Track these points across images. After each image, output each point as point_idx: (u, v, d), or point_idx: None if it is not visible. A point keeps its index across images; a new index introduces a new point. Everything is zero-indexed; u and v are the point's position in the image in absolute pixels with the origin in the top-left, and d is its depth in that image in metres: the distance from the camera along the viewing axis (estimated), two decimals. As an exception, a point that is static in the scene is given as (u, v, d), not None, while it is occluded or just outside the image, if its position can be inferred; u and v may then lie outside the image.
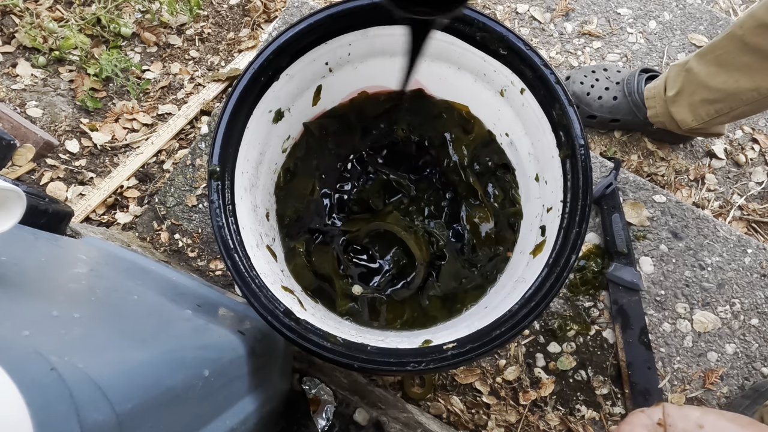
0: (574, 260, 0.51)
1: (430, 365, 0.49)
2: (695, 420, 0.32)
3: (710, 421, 0.31)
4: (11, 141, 0.64)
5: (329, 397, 0.71)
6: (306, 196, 0.71)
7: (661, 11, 1.19)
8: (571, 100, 0.55)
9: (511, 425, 0.84)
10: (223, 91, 1.10)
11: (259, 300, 0.51)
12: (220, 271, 0.92)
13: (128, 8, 1.17)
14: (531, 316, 0.50)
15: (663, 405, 0.34)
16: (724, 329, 0.87)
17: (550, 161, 0.59)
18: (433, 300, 0.67)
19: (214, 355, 0.48)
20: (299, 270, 0.67)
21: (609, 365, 0.85)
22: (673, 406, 0.34)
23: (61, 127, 1.05)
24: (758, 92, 0.83)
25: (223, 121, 0.56)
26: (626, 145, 1.09)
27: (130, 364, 0.35)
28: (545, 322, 0.87)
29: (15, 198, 0.37)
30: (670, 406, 0.34)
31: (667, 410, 0.33)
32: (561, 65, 1.15)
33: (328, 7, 0.57)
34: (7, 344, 0.29)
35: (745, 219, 1.05)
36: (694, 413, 0.32)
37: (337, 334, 0.52)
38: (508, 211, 0.69)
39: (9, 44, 1.11)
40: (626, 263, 0.87)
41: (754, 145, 1.10)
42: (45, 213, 0.60)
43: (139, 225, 0.94)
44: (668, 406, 0.34)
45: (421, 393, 0.84)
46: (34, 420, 0.25)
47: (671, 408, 0.33)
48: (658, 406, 0.34)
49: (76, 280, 0.48)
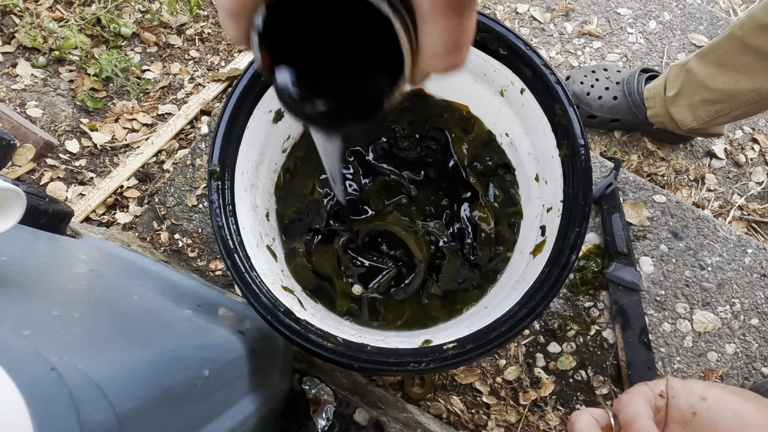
0: (574, 260, 0.51)
1: (430, 365, 0.49)
2: (699, 393, 0.32)
3: (714, 394, 0.31)
4: (11, 141, 0.64)
5: (329, 397, 0.71)
6: (306, 196, 0.71)
7: (661, 11, 1.19)
8: (571, 100, 0.55)
9: (511, 425, 0.84)
10: (223, 91, 1.10)
11: (259, 300, 0.51)
12: (220, 271, 0.92)
13: (128, 8, 1.17)
14: (531, 316, 0.50)
15: (667, 378, 0.34)
16: (724, 329, 0.87)
17: (550, 161, 0.59)
18: (433, 300, 0.67)
19: (214, 355, 0.48)
20: (299, 270, 0.67)
21: (609, 365, 0.85)
22: (677, 379, 0.34)
23: (61, 127, 1.05)
24: (758, 93, 0.83)
25: (223, 121, 0.56)
26: (626, 145, 1.09)
27: (130, 364, 0.35)
28: (545, 322, 0.87)
29: (15, 198, 0.37)
30: (674, 380, 0.34)
31: (670, 383, 0.33)
32: (561, 65, 1.15)
33: (328, 7, 0.57)
34: (7, 344, 0.29)
35: (745, 219, 1.05)
36: (698, 386, 0.33)
37: (337, 334, 0.52)
38: (509, 211, 0.69)
39: (9, 44, 1.11)
40: (626, 263, 0.87)
41: (754, 145, 1.10)
42: (45, 213, 0.60)
43: (139, 225, 0.94)
44: (672, 379, 0.34)
45: (421, 393, 0.84)
46: (34, 420, 0.25)
47: (675, 381, 0.34)
48: (662, 378, 0.35)
49: (76, 280, 0.48)
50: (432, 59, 0.22)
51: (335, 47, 0.26)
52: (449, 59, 0.22)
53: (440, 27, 0.21)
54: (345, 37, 0.25)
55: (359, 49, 0.25)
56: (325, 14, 0.24)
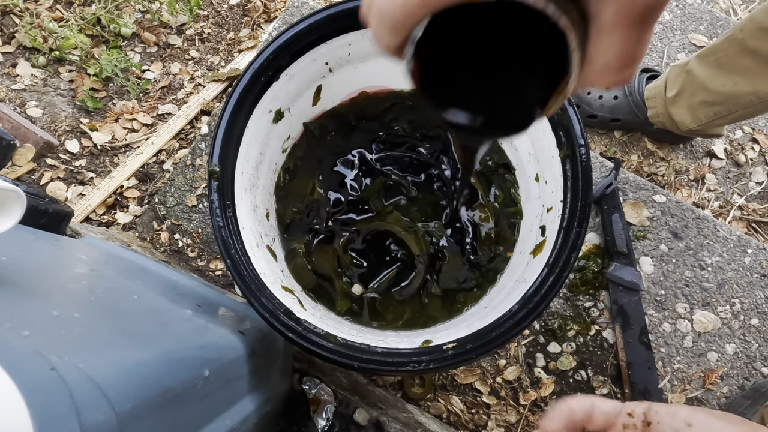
0: (574, 260, 0.51)
1: (430, 365, 0.49)
2: (684, 418, 0.31)
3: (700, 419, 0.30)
4: (11, 141, 0.64)
5: (329, 397, 0.71)
6: (306, 196, 0.71)
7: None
8: (571, 100, 0.55)
9: (511, 425, 0.84)
10: (223, 91, 1.10)
11: (259, 300, 0.51)
12: (220, 271, 0.92)
13: (128, 8, 1.17)
14: (531, 316, 0.50)
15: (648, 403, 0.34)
16: (724, 329, 0.87)
17: (550, 161, 0.59)
18: (433, 300, 0.67)
19: (214, 355, 0.48)
20: (299, 270, 0.67)
21: (609, 365, 0.85)
22: (660, 404, 0.33)
23: (61, 127, 1.05)
24: (757, 96, 0.83)
25: (223, 121, 0.56)
26: (626, 145, 1.09)
27: (130, 364, 0.35)
28: (545, 322, 0.87)
29: (15, 198, 0.37)
30: (657, 404, 0.33)
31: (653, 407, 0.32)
32: (561, 65, 1.15)
33: (328, 7, 0.57)
34: (7, 344, 0.29)
35: (745, 219, 1.05)
36: (682, 411, 0.31)
37: (337, 334, 0.52)
38: (509, 210, 0.69)
39: (9, 44, 1.11)
40: (626, 263, 0.87)
41: (754, 145, 1.10)
42: (45, 213, 0.60)
43: (139, 225, 0.94)
44: (654, 404, 0.33)
45: (421, 393, 0.84)
46: (34, 420, 0.25)
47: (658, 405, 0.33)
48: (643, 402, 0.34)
49: (76, 280, 0.48)
50: (602, 73, 0.21)
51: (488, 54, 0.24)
52: (620, 74, 0.21)
53: (619, 40, 0.20)
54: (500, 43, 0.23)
55: (513, 56, 0.24)
56: (484, 22, 0.22)
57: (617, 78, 0.21)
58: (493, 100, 0.26)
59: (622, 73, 0.21)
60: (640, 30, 0.19)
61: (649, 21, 0.19)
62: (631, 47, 0.20)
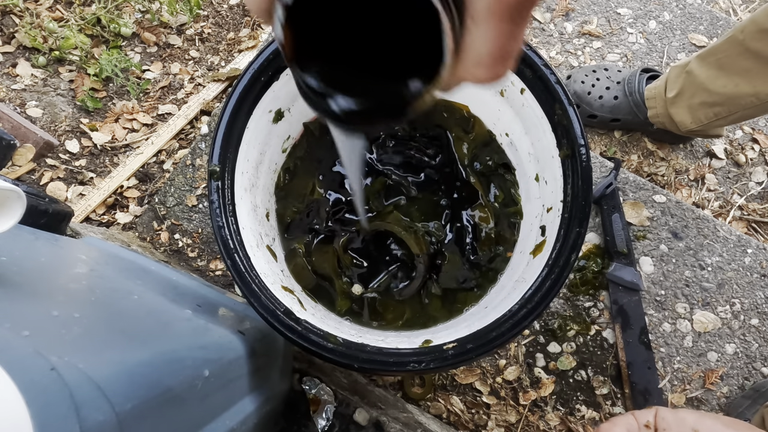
0: (574, 260, 0.51)
1: (430, 365, 0.49)
2: (691, 424, 0.31)
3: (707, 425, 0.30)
4: (11, 141, 0.64)
5: (329, 397, 0.71)
6: (306, 196, 0.71)
7: (661, 11, 1.19)
8: (571, 100, 0.55)
9: (511, 425, 0.84)
10: (223, 91, 1.10)
11: (259, 300, 0.51)
12: (220, 271, 0.92)
13: (128, 8, 1.17)
14: (531, 316, 0.50)
15: (656, 408, 0.33)
16: (724, 329, 0.87)
17: (550, 161, 0.59)
18: (433, 300, 0.67)
19: (214, 356, 0.48)
20: (299, 270, 0.67)
21: (609, 365, 0.85)
22: (667, 409, 0.33)
23: (61, 127, 1.05)
24: (757, 97, 0.83)
25: (223, 121, 0.56)
26: (626, 145, 1.09)
27: (130, 364, 0.35)
28: (545, 322, 0.87)
29: (15, 198, 0.37)
30: (664, 410, 0.33)
31: (661, 413, 0.32)
32: (561, 65, 1.15)
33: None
34: (7, 344, 0.29)
35: (745, 219, 1.05)
36: (690, 416, 0.31)
37: (337, 334, 0.52)
38: (509, 210, 0.69)
39: (9, 44, 1.11)
40: (626, 263, 0.87)
41: (754, 145, 1.10)
42: (45, 213, 0.60)
43: (139, 225, 0.94)
44: (662, 409, 0.33)
45: (421, 393, 0.84)
46: (34, 420, 0.25)
47: (665, 411, 0.32)
48: (651, 409, 0.34)
49: (76, 280, 0.48)
50: (474, 66, 0.20)
51: (365, 39, 0.23)
52: (492, 69, 0.20)
53: (492, 31, 0.19)
54: (377, 29, 0.23)
55: (390, 43, 0.23)
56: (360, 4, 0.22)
57: (489, 73, 0.21)
58: (369, 87, 0.24)
59: (494, 69, 0.20)
60: (514, 23, 0.19)
61: (522, 14, 0.19)
62: (505, 40, 0.19)
